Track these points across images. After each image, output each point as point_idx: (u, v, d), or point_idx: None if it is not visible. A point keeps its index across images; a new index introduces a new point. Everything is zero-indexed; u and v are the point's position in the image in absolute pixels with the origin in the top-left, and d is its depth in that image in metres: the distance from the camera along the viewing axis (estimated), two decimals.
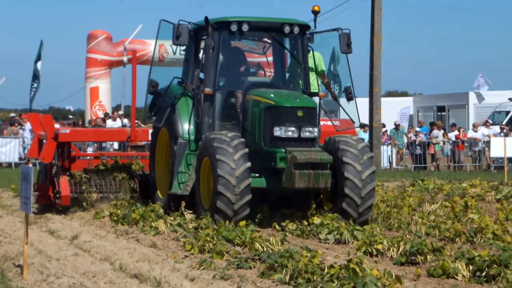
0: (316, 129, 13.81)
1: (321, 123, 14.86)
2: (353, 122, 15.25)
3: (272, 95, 13.74)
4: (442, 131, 36.40)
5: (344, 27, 14.60)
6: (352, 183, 13.11)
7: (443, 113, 46.34)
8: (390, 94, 74.66)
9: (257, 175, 13.44)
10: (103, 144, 29.89)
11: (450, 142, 35.02)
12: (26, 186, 9.25)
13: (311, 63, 14.95)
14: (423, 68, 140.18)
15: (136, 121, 41.85)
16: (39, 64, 41.91)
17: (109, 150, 28.67)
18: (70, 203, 15.58)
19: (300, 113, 13.49)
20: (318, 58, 15.46)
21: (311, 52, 14.93)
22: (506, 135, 31.84)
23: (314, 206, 14.46)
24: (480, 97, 44.77)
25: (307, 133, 13.55)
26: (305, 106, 13.66)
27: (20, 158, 33.99)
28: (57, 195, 15.47)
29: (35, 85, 41.89)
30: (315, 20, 14.80)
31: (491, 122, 37.52)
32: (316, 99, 14.53)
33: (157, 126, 15.21)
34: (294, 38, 14.62)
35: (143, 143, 19.01)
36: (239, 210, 12.94)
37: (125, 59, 40.68)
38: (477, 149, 34.36)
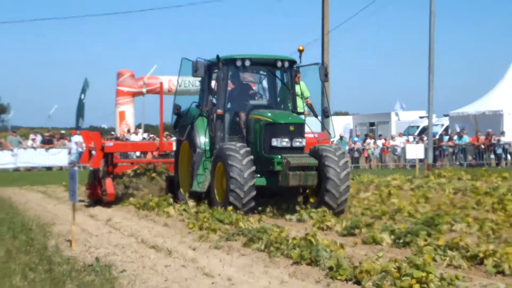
0: (304, 140, 13.20)
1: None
2: (329, 134, 14.73)
3: (269, 114, 13.24)
4: (373, 140, 36.67)
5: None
6: (332, 181, 12.53)
7: (373, 127, 46.57)
8: (336, 113, 74.70)
9: (259, 175, 12.86)
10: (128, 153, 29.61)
11: (378, 148, 35.28)
12: (72, 183, 9.25)
13: (298, 90, 14.43)
14: (358, 93, 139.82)
15: (152, 135, 41.71)
16: (83, 95, 41.84)
17: (133, 157, 28.43)
18: (114, 199, 15.06)
19: (292, 128, 12.97)
20: (303, 86, 14.99)
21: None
22: (417, 142, 32.13)
23: (302, 199, 13.66)
24: (398, 116, 45.11)
25: (297, 143, 13.02)
26: (295, 122, 13.13)
27: (68, 163, 33.94)
28: (104, 193, 15.09)
29: (81, 111, 41.79)
30: (300, 57, 14.22)
31: (402, 133, 38.04)
32: (302, 117, 13.95)
33: (180, 139, 14.75)
34: (284, 70, 14.12)
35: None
36: (246, 203, 12.40)
37: (144, 90, 40.73)
38: (397, 153, 34.66)
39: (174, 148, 15.81)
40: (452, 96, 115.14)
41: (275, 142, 12.89)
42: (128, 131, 38.25)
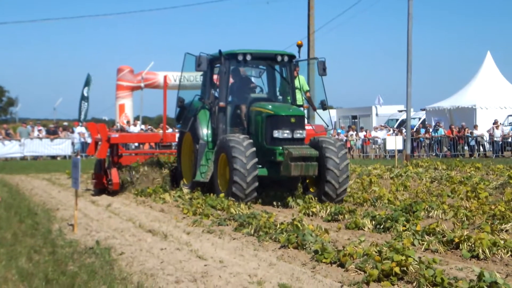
0: (304, 132, 12.72)
1: None
2: (327, 126, 14.23)
3: (270, 107, 12.77)
4: (355, 132, 36.66)
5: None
6: (332, 172, 12.04)
7: (355, 120, 46.59)
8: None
9: (260, 166, 12.39)
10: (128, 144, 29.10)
11: (360, 139, 35.25)
12: (75, 171, 9.17)
13: (297, 84, 13.87)
14: (341, 88, 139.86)
15: (149, 126, 41.48)
16: (85, 89, 41.50)
17: (131, 147, 28.24)
18: (119, 188, 14.64)
19: (292, 120, 12.51)
20: (302, 80, 14.44)
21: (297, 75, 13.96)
22: (396, 134, 32.13)
23: (301, 189, 13.39)
24: (379, 109, 45.14)
25: (298, 135, 12.56)
26: (296, 114, 12.65)
27: (72, 152, 33.81)
28: (110, 182, 14.72)
29: (85, 104, 41.31)
30: (299, 51, 13.87)
31: (382, 126, 38.04)
32: (302, 109, 13.48)
33: (183, 131, 14.34)
34: (284, 64, 13.65)
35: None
36: (249, 194, 12.00)
37: (142, 85, 40.61)
38: (378, 144, 34.67)
39: (176, 139, 15.41)
40: (428, 91, 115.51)
41: (276, 134, 12.45)
42: (128, 122, 38.13)
